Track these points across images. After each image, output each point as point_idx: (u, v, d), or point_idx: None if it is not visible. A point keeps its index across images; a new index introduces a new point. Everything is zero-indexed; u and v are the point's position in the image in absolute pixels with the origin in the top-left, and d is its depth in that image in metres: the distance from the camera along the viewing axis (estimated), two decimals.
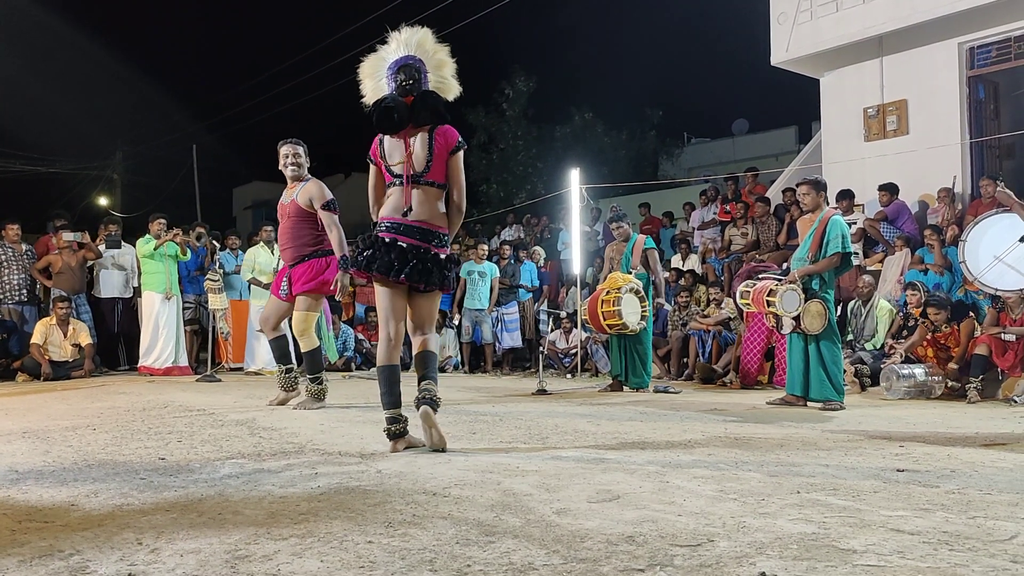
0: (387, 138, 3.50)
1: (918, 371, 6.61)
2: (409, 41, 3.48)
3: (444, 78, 3.52)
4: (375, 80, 3.54)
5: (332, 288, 5.04)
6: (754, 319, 7.58)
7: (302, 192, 5.23)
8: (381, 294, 3.52)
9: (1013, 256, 6.27)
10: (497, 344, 10.40)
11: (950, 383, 6.64)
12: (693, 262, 10.76)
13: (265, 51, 45.02)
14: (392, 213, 3.47)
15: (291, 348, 5.67)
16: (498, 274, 10.32)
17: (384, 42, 3.57)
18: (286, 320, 5.52)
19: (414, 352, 3.58)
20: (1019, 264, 6.29)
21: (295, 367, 5.72)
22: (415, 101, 3.42)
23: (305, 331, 5.31)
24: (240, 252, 10.19)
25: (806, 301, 5.52)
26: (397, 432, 3.42)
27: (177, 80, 43.21)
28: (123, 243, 10.10)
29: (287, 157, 5.30)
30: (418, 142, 3.44)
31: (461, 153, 3.51)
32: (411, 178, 3.44)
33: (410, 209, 3.43)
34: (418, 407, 3.34)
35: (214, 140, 25.71)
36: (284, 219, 5.34)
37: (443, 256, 3.47)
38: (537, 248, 11.73)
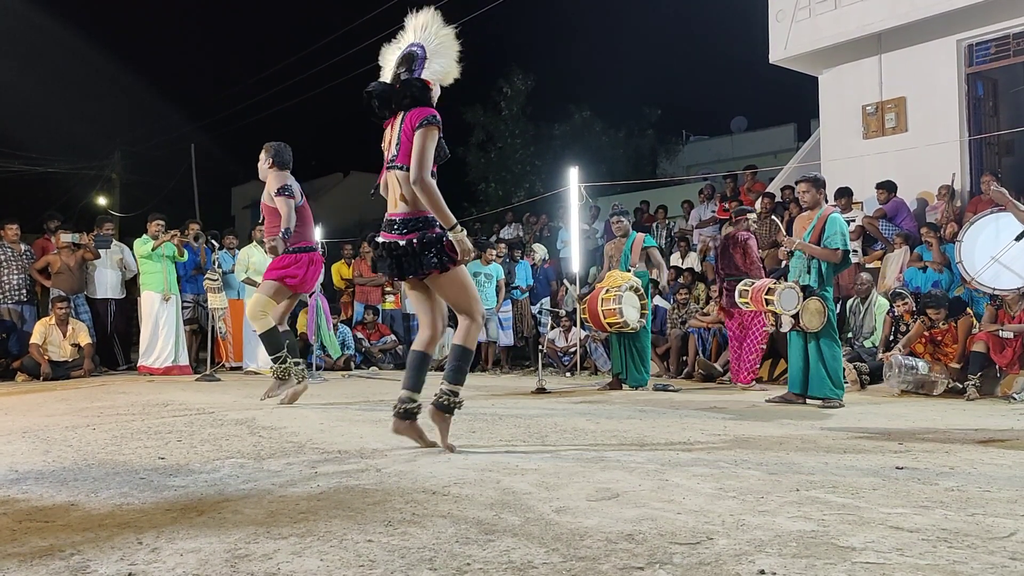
0: None
1: (921, 364, 6.61)
2: (417, 26, 3.49)
3: (442, 62, 3.46)
4: (386, 70, 3.56)
5: (292, 284, 5.33)
6: (735, 323, 7.46)
7: (265, 188, 5.52)
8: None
9: (1009, 255, 6.27)
10: (495, 343, 10.43)
11: (952, 382, 6.63)
12: (692, 260, 10.76)
13: (263, 50, 45.02)
14: (387, 207, 3.50)
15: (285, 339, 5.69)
16: (503, 275, 10.35)
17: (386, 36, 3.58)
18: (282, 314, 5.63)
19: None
20: (1016, 263, 6.29)
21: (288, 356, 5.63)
22: (399, 87, 3.42)
23: (258, 314, 5.36)
24: (237, 251, 10.20)
25: (804, 299, 5.52)
26: (402, 412, 3.36)
27: (175, 80, 43.22)
28: (116, 242, 10.07)
29: None
30: (395, 126, 3.44)
31: (425, 128, 3.28)
32: (388, 163, 3.45)
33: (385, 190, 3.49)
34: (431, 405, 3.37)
35: (212, 139, 25.73)
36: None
37: (415, 241, 3.32)
38: (536, 245, 11.72)
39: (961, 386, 6.48)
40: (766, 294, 5.67)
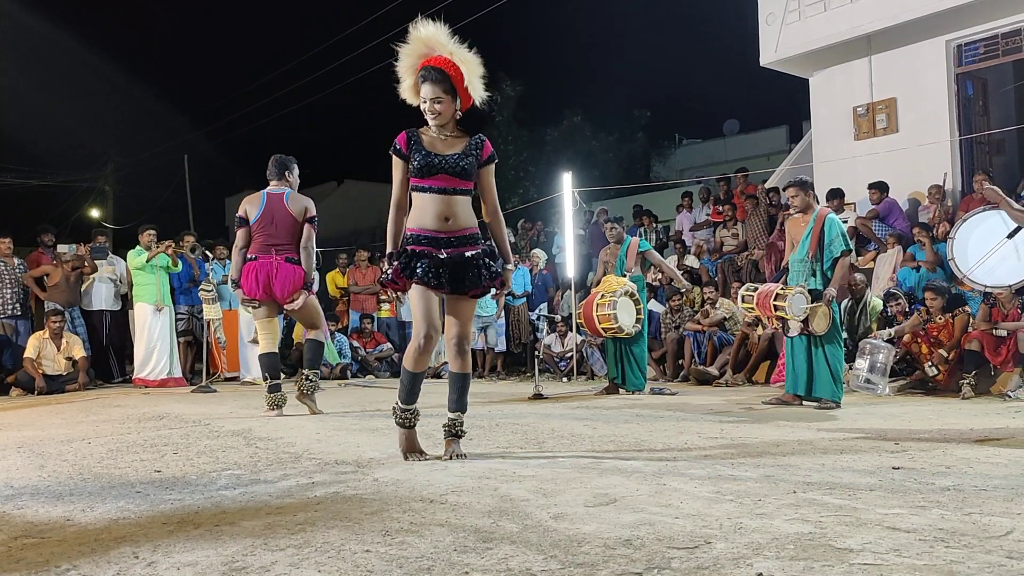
0: None
1: (882, 355, 6.62)
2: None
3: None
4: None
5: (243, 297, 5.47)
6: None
7: None
8: None
9: (1001, 252, 6.29)
10: (492, 349, 10.43)
11: (937, 371, 6.63)
12: (690, 262, 10.79)
13: (256, 60, 45.03)
14: None
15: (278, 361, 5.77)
16: None
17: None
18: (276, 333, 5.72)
19: None
20: (1007, 260, 6.31)
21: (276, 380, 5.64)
22: None
23: (257, 336, 5.70)
24: (228, 262, 10.19)
25: (812, 303, 5.54)
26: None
27: (168, 91, 43.20)
28: (112, 254, 10.05)
29: None
30: None
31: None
32: None
33: None
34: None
35: (206, 150, 25.67)
36: None
37: None
38: (536, 251, 11.72)
39: (942, 374, 6.50)
40: (774, 300, 5.64)
